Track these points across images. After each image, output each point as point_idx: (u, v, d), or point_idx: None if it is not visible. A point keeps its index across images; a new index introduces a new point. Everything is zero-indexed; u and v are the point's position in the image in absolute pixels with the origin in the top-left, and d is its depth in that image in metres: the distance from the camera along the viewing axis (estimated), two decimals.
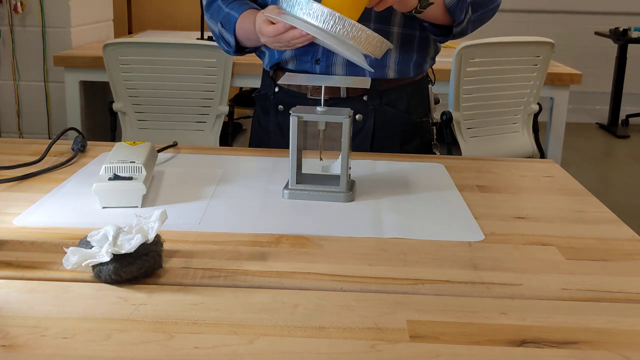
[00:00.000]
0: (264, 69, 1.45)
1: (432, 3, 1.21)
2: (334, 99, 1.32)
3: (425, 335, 0.63)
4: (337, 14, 0.99)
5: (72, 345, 0.59)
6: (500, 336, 0.63)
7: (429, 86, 1.43)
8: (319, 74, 1.30)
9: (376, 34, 1.02)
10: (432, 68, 1.44)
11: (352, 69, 1.30)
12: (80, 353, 0.58)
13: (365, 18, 1.24)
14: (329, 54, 1.29)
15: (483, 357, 0.60)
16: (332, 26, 0.99)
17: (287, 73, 1.27)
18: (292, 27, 1.06)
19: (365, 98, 1.33)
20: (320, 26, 1.00)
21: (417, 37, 1.33)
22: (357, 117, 1.33)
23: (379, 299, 0.69)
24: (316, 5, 1.00)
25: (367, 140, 1.34)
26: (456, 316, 0.66)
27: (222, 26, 1.33)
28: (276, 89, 1.39)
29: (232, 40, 1.32)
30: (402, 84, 1.35)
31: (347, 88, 1.32)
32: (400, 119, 1.37)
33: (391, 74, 1.33)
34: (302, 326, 0.64)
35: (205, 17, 1.40)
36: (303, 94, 1.36)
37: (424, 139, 1.42)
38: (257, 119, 1.48)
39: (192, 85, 2.38)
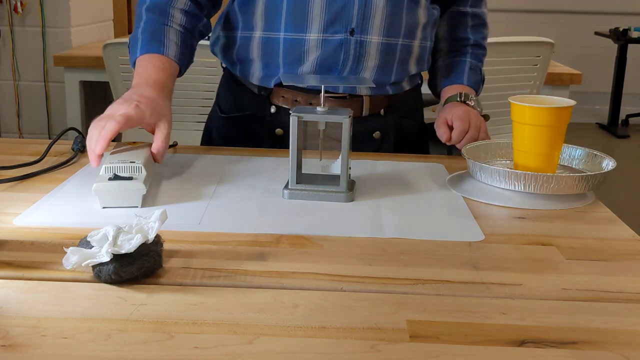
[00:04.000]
0: (241, 85, 1.30)
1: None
2: (356, 118, 1.19)
3: (425, 335, 0.63)
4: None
5: (72, 345, 0.59)
6: (500, 336, 0.63)
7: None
8: (342, 92, 1.24)
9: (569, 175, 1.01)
10: None
11: (376, 89, 1.25)
12: (80, 353, 0.58)
13: (395, 33, 1.22)
14: (355, 70, 1.22)
15: (483, 357, 0.60)
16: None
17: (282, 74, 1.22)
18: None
19: (382, 112, 1.28)
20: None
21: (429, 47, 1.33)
22: (374, 134, 1.27)
23: (379, 299, 0.69)
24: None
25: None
26: (456, 316, 0.66)
27: (129, 44, 1.21)
28: (272, 110, 1.27)
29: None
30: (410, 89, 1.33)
31: (369, 106, 1.25)
32: (417, 128, 1.36)
33: (406, 86, 1.31)
34: (302, 326, 0.64)
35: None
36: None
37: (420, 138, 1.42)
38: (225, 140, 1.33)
39: (192, 85, 2.38)
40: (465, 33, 1.35)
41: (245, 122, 1.31)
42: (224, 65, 1.37)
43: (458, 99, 1.26)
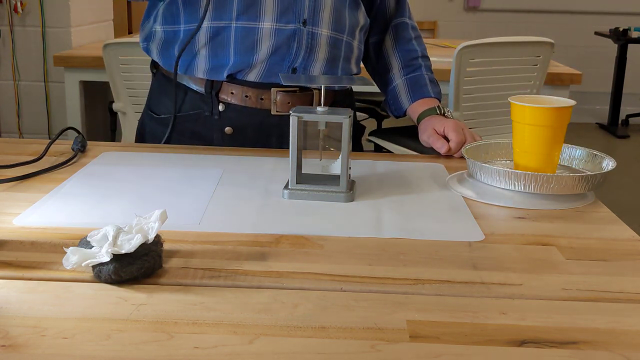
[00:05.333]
0: (181, 86, 1.26)
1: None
2: None
3: (425, 335, 0.63)
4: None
5: (72, 345, 0.59)
6: (500, 336, 0.63)
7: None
8: (293, 85, 1.23)
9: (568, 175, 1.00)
10: None
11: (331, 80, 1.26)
12: (80, 353, 0.58)
13: (341, 29, 1.25)
14: (307, 61, 1.22)
15: (483, 357, 0.60)
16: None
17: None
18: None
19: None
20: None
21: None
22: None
23: (379, 299, 0.69)
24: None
25: None
26: (456, 316, 0.66)
27: None
28: (221, 108, 1.25)
29: None
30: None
31: (318, 100, 1.26)
32: (355, 125, 1.40)
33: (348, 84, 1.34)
34: (302, 326, 0.64)
35: None
36: (265, 110, 1.24)
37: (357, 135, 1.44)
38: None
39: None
40: (412, 45, 1.39)
41: (187, 122, 1.28)
42: (155, 68, 1.34)
43: (437, 112, 1.30)
